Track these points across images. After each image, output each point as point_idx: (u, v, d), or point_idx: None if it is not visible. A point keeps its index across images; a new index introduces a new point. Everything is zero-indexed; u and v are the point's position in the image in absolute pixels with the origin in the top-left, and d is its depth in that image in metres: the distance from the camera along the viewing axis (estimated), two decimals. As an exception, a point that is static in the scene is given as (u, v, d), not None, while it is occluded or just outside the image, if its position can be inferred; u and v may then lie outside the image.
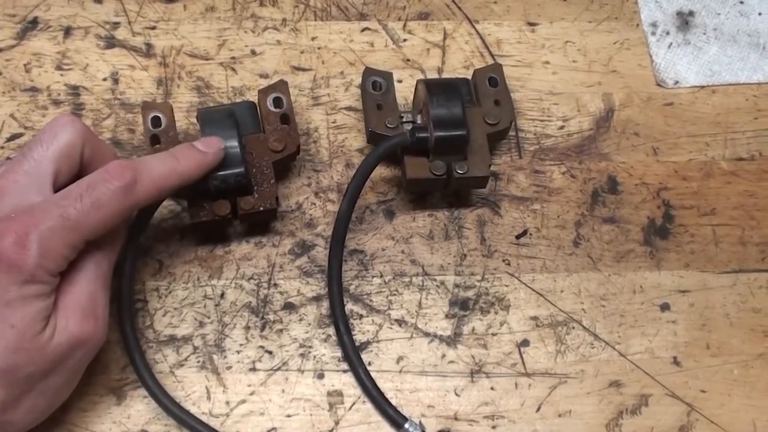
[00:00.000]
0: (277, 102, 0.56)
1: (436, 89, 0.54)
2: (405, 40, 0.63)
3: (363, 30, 0.63)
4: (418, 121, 0.56)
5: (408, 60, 0.62)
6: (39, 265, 0.42)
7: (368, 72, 0.58)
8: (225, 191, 0.52)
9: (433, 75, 0.62)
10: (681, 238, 0.58)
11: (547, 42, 0.64)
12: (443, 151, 0.54)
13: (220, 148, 0.51)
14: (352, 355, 0.52)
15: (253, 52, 0.62)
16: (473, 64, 0.62)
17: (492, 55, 0.63)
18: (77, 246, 0.44)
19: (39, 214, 0.43)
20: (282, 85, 0.56)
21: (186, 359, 0.52)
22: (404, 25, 0.63)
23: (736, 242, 0.58)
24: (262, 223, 0.56)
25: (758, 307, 0.56)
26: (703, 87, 0.63)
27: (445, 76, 0.62)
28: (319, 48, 0.62)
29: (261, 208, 0.53)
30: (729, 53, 0.64)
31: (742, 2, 0.66)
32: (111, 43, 0.61)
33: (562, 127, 0.61)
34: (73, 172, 0.48)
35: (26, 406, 0.45)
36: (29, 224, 0.42)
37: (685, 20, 0.65)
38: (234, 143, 0.52)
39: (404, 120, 0.56)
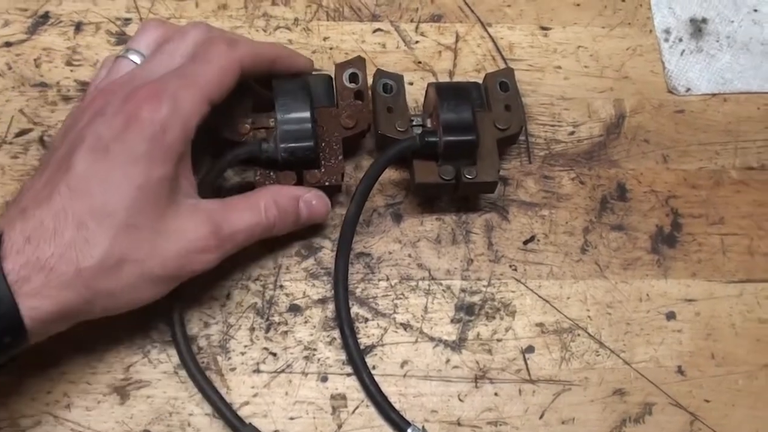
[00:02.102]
0: (353, 78, 0.56)
1: (447, 93, 0.54)
2: (417, 42, 0.62)
3: (375, 31, 0.63)
4: (428, 125, 0.56)
5: (419, 62, 0.62)
6: (169, 121, 0.45)
7: (379, 74, 0.57)
8: (292, 163, 0.53)
9: (444, 78, 0.61)
10: (689, 246, 0.58)
11: (560, 47, 0.63)
12: (452, 155, 0.53)
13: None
14: (357, 359, 0.52)
15: (264, 52, 0.61)
16: (485, 67, 0.62)
17: (504, 59, 0.62)
18: (200, 104, 0.47)
19: (161, 79, 0.47)
20: (359, 62, 0.57)
21: (191, 359, 0.52)
22: (416, 27, 0.63)
23: (744, 252, 0.58)
24: None
25: (765, 318, 0.56)
26: (714, 95, 0.63)
27: (456, 79, 0.61)
28: (330, 48, 0.62)
29: (327, 183, 0.54)
30: (741, 62, 0.63)
31: (756, 10, 0.65)
32: (122, 39, 0.60)
33: (572, 133, 0.60)
34: None
35: (127, 280, 0.45)
36: (158, 87, 0.46)
37: (698, 27, 0.64)
38: (306, 115, 0.52)
39: (414, 123, 0.56)
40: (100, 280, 0.44)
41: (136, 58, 0.51)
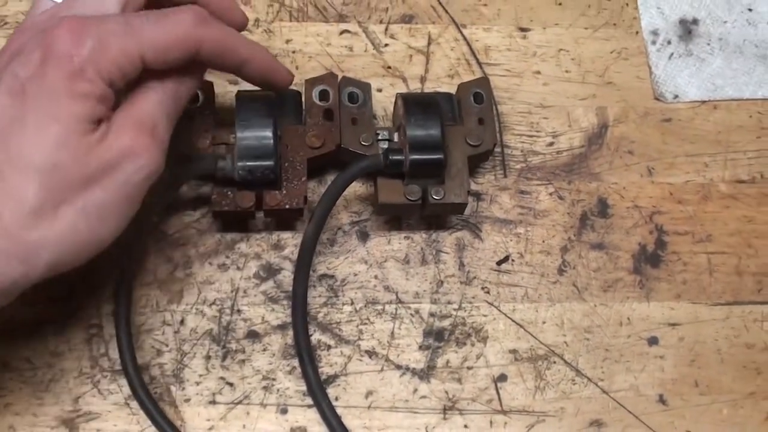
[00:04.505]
0: (323, 95, 0.53)
1: (415, 107, 0.50)
2: (386, 45, 0.59)
3: (342, 33, 0.59)
4: (395, 140, 0.52)
5: (389, 67, 0.58)
6: (90, 60, 0.40)
7: (345, 82, 0.54)
8: (251, 182, 0.50)
9: (415, 84, 0.58)
10: (673, 266, 0.55)
11: (539, 50, 0.60)
12: (419, 174, 0.50)
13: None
14: (316, 389, 0.50)
15: (223, 56, 0.58)
16: (458, 73, 0.58)
17: (479, 63, 0.59)
18: (133, 57, 0.41)
19: (98, 18, 0.41)
20: (331, 78, 0.54)
21: (143, 389, 0.50)
22: (386, 29, 0.59)
23: (731, 272, 0.55)
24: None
25: (751, 343, 0.53)
26: (704, 102, 0.59)
27: (428, 85, 0.58)
28: (293, 52, 0.58)
29: (287, 206, 0.50)
30: (734, 66, 0.60)
31: (750, 10, 0.61)
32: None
33: (551, 144, 0.57)
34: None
35: (65, 222, 0.40)
36: (87, 23, 0.41)
37: (688, 29, 0.60)
38: (268, 133, 0.49)
39: (380, 138, 0.53)
40: (32, 231, 0.40)
41: None
